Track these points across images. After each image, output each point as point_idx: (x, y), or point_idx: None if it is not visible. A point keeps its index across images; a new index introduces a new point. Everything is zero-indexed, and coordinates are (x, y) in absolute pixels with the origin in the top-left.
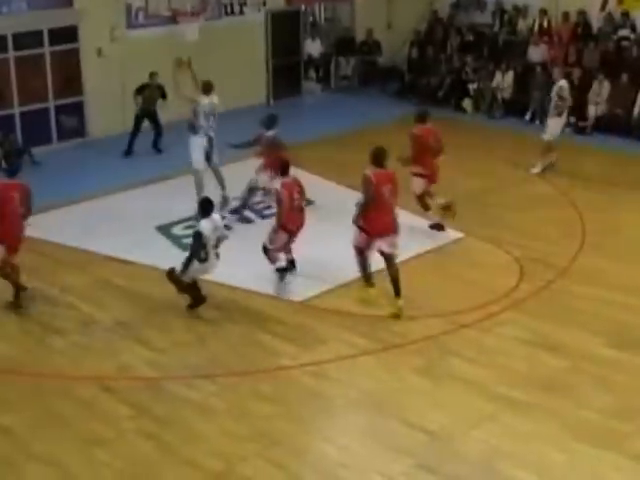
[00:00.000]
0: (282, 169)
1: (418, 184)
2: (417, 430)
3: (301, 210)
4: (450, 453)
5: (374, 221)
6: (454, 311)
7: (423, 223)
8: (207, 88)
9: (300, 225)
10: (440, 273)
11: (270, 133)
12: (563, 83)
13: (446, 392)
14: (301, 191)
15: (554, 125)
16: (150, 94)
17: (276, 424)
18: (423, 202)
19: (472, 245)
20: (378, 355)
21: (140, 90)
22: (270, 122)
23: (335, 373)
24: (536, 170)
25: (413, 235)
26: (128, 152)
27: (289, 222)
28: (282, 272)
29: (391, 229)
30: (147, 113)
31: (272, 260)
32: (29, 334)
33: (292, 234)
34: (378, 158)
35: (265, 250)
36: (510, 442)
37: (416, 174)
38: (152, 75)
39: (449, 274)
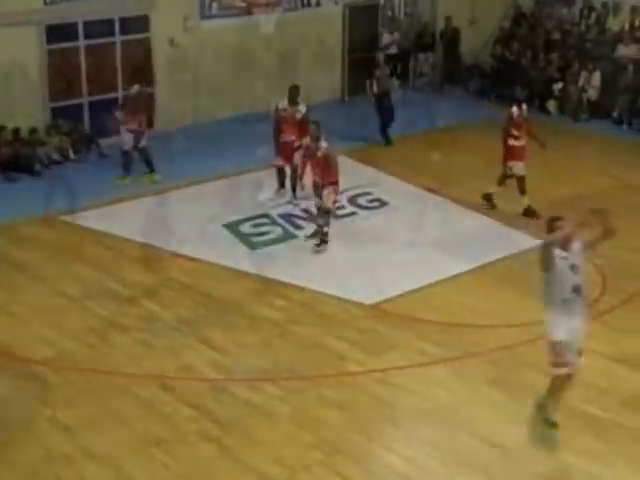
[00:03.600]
0: None
1: None
2: (488, 445)
3: None
4: (523, 471)
5: None
6: (532, 322)
7: (498, 229)
8: None
9: None
10: (516, 282)
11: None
12: None
13: (521, 406)
14: None
15: None
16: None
17: (341, 432)
18: None
19: None
20: (450, 364)
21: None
22: None
23: (404, 381)
24: None
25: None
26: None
27: None
28: None
29: None
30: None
31: None
32: (91, 330)
33: None
34: None
35: None
36: (588, 462)
37: None
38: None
39: (526, 283)
